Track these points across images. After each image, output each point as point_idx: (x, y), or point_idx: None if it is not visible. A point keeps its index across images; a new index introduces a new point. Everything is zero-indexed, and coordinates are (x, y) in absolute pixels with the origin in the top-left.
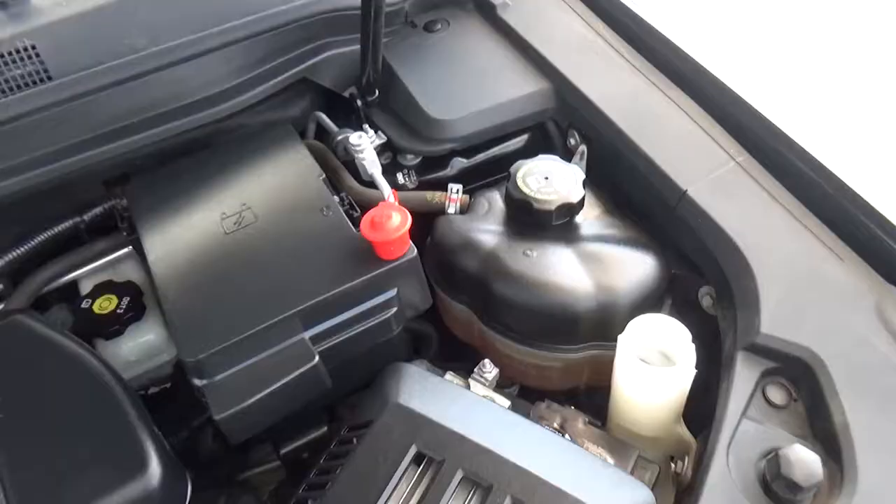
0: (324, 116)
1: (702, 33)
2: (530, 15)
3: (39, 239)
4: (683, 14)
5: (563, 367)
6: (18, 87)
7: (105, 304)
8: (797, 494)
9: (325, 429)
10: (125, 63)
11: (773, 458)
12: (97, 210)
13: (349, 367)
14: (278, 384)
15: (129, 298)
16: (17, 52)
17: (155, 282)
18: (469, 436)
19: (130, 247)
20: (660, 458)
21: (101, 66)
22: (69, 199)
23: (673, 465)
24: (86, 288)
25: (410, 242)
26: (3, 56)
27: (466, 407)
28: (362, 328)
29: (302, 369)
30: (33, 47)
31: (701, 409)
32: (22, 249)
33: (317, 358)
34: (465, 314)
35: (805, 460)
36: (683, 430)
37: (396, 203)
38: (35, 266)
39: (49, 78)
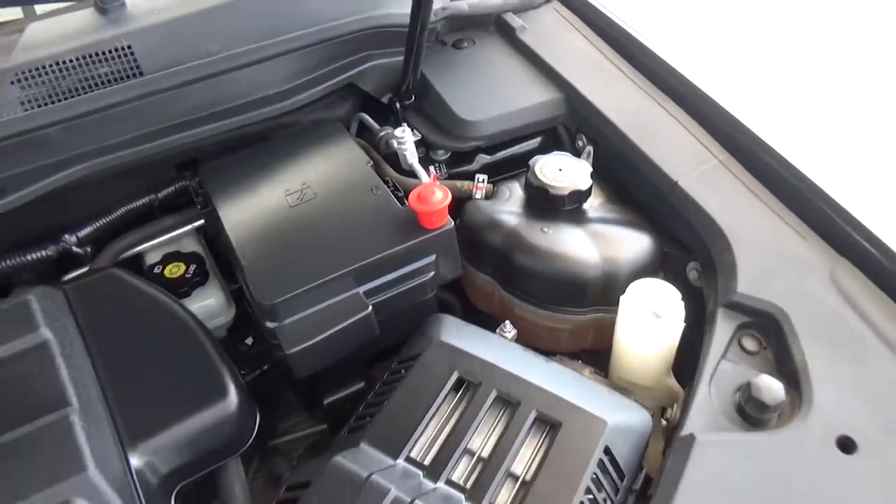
0: (366, 116)
1: (688, 52)
2: (544, 36)
3: (120, 212)
4: (673, 35)
5: (572, 329)
6: (114, 80)
7: (174, 270)
8: (765, 413)
9: (363, 384)
10: (202, 64)
11: (746, 387)
12: (169, 190)
13: (390, 323)
14: (337, 328)
15: (195, 266)
16: (116, 50)
17: (233, 244)
18: (501, 365)
19: (199, 221)
20: (653, 408)
21: (182, 66)
22: (146, 179)
23: (664, 413)
24: (151, 259)
25: (449, 216)
26: (103, 53)
27: (497, 346)
28: (404, 288)
29: (356, 317)
30: (129, 47)
31: (687, 366)
32: (105, 220)
33: (370, 308)
34: (489, 284)
35: (771, 386)
36: (673, 382)
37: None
38: (112, 236)
39: (140, 74)
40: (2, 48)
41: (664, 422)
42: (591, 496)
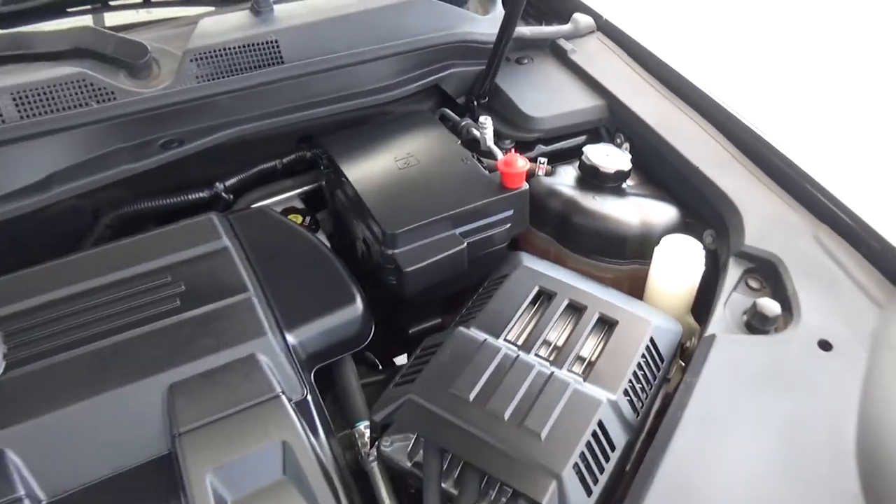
0: (448, 111)
1: (703, 68)
2: (590, 58)
3: (255, 170)
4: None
5: (613, 277)
6: (263, 65)
7: (294, 220)
8: (765, 325)
9: (439, 320)
10: (328, 58)
11: (752, 307)
12: (291, 157)
13: (470, 266)
14: (439, 257)
15: (310, 218)
16: (266, 43)
17: (358, 191)
18: (570, 282)
19: (308, 186)
20: None
21: (314, 58)
22: (274, 147)
23: (684, 345)
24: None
25: (525, 181)
26: (256, 45)
27: (565, 273)
28: (486, 235)
29: (454, 250)
30: (276, 41)
31: (703, 309)
32: (245, 175)
33: (465, 244)
34: (546, 241)
35: (770, 304)
36: (692, 320)
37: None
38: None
39: (282, 62)
40: (181, 36)
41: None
42: (640, 372)
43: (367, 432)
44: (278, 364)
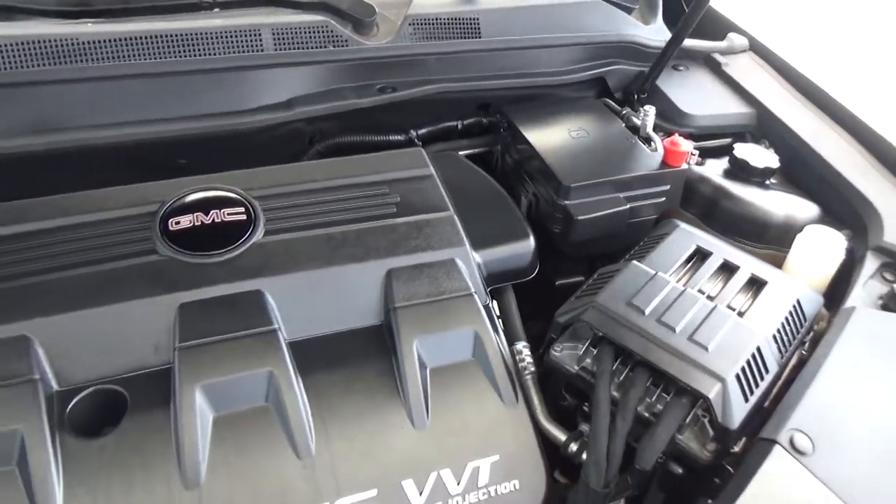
0: (609, 101)
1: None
2: (741, 71)
3: (440, 126)
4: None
5: None
6: (462, 37)
7: None
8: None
9: (583, 277)
10: (515, 39)
11: (889, 291)
12: (470, 120)
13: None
14: (605, 212)
15: None
16: (469, 19)
17: (537, 150)
18: (725, 243)
19: (480, 149)
20: None
21: (504, 37)
22: (456, 109)
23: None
24: None
25: (686, 162)
26: (461, 19)
27: (718, 239)
28: (643, 203)
29: (618, 209)
30: (477, 19)
31: (833, 298)
32: (433, 128)
33: (628, 204)
34: (691, 220)
35: None
36: (823, 309)
37: None
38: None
39: (479, 36)
40: (396, 5)
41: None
42: (785, 326)
43: (526, 351)
44: (471, 272)
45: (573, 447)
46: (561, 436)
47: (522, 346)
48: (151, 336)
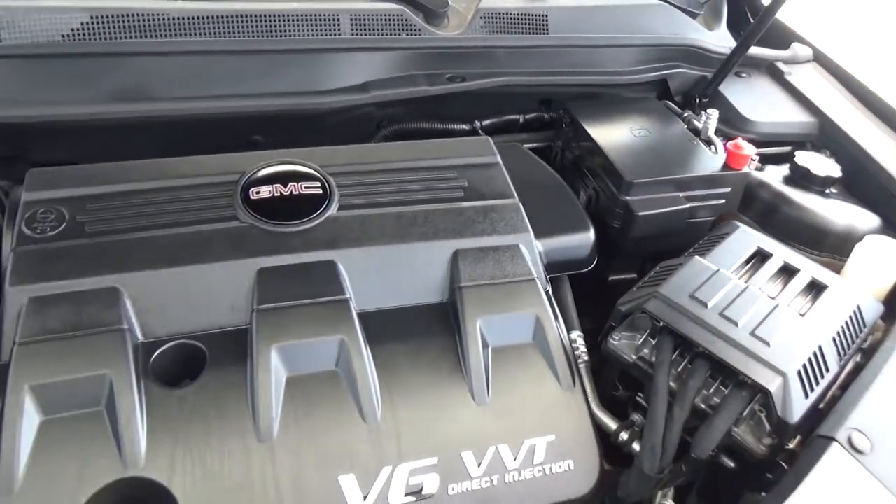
0: (670, 103)
1: None
2: (804, 81)
3: (504, 118)
4: None
5: None
6: (530, 32)
7: None
8: None
9: (636, 275)
10: (581, 37)
11: None
12: (532, 115)
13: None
14: (665, 210)
15: None
16: (538, 16)
17: (600, 146)
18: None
19: (537, 143)
20: None
21: (570, 35)
22: (519, 103)
23: None
24: None
25: (748, 166)
26: (530, 15)
27: (778, 243)
28: (701, 204)
29: (677, 208)
30: (546, 16)
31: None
32: (494, 120)
33: (688, 204)
34: (751, 225)
35: None
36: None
37: None
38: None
39: (546, 33)
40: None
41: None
42: (844, 331)
43: (580, 340)
44: (533, 259)
45: (623, 436)
46: (612, 424)
47: (577, 336)
48: (230, 297)
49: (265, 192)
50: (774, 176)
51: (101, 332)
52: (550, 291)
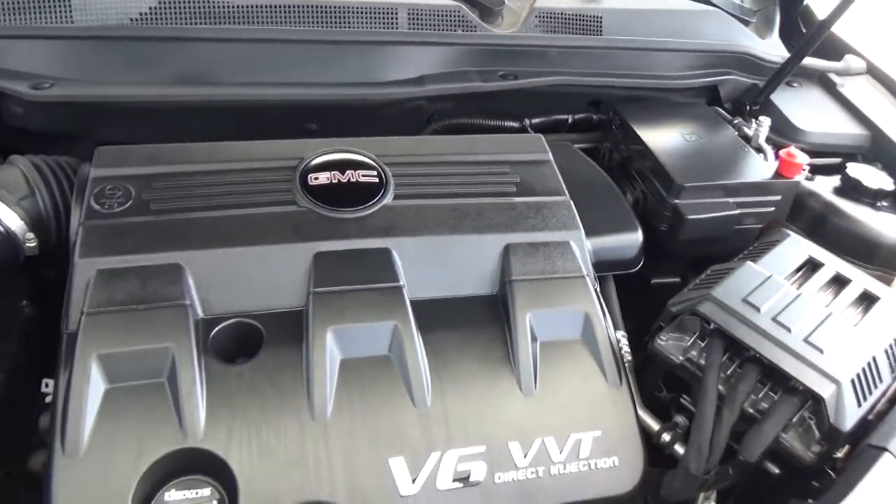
0: (720, 109)
1: None
2: (857, 93)
3: (552, 118)
4: None
5: None
6: (583, 33)
7: None
8: None
9: (678, 279)
10: (634, 40)
11: None
12: (581, 115)
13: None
14: (714, 214)
15: None
16: (592, 17)
17: (651, 149)
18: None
19: (587, 144)
20: None
21: (623, 37)
22: (569, 103)
23: None
24: None
25: (799, 176)
26: (584, 16)
27: (829, 253)
28: (751, 211)
29: (727, 213)
30: (600, 17)
31: None
32: (544, 119)
33: (738, 210)
34: (799, 234)
35: None
36: None
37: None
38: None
39: (600, 34)
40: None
41: None
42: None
43: (624, 340)
44: (583, 256)
45: (666, 437)
46: (654, 425)
47: (620, 336)
48: (288, 279)
49: (323, 178)
50: (825, 187)
51: (164, 307)
52: (598, 290)
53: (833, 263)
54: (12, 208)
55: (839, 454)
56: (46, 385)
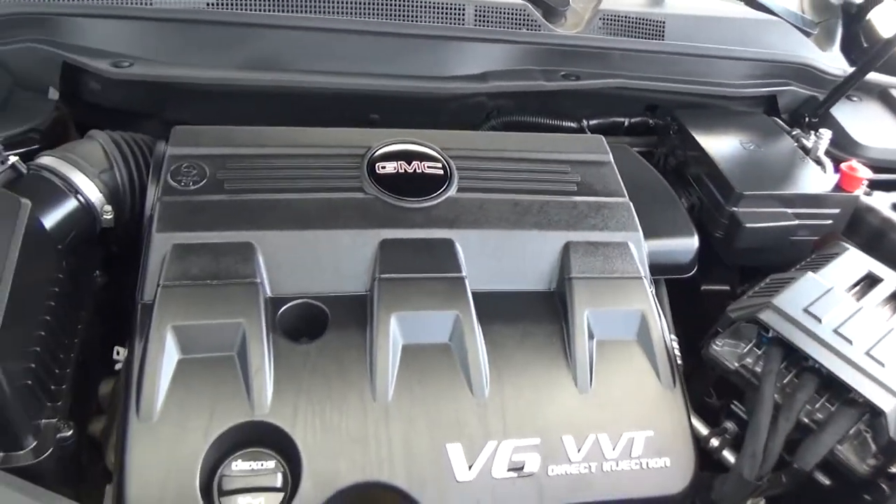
0: (778, 120)
1: None
2: None
3: (609, 120)
4: None
5: None
6: (646, 37)
7: None
8: None
9: (728, 287)
10: (695, 46)
11: None
12: (637, 119)
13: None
14: (772, 224)
15: None
16: (655, 21)
17: (710, 155)
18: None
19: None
20: None
21: (684, 43)
22: (626, 106)
23: None
24: None
25: (859, 191)
26: (647, 20)
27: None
28: (808, 222)
29: (785, 223)
30: (663, 22)
31: None
32: (600, 121)
33: (795, 221)
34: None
35: None
36: None
37: None
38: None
39: (662, 38)
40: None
41: None
42: None
43: (674, 345)
44: (641, 258)
45: (714, 442)
46: (703, 430)
47: (672, 339)
48: (354, 264)
49: (390, 167)
50: (883, 202)
51: (236, 284)
52: (654, 292)
53: (893, 278)
54: (93, 181)
55: (894, 468)
56: (118, 353)
